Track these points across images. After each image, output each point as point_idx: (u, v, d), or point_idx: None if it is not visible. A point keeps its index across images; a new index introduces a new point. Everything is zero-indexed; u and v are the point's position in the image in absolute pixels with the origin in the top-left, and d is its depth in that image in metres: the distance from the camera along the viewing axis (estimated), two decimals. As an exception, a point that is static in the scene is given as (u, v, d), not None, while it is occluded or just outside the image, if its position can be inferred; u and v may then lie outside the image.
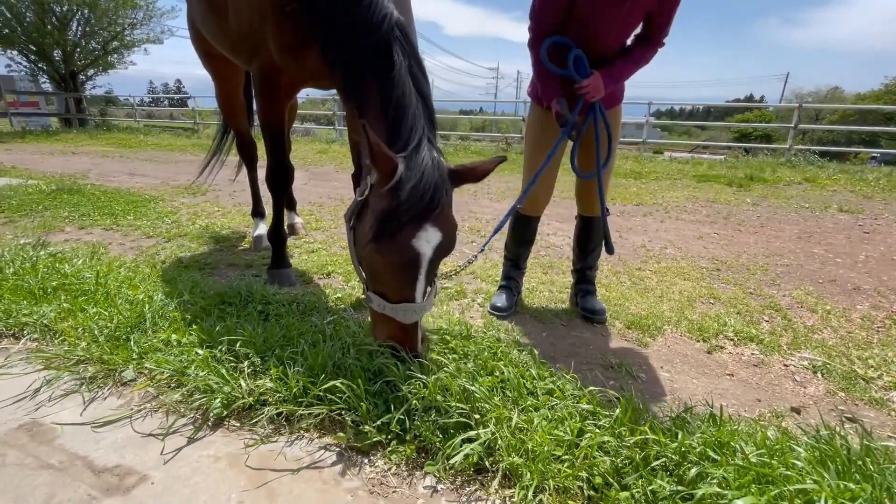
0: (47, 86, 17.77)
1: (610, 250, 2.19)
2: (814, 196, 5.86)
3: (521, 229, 2.32)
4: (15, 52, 16.16)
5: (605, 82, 1.88)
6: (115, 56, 17.89)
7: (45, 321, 1.88)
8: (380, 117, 1.55)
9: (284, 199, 2.54)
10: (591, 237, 2.32)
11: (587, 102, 1.91)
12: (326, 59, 1.75)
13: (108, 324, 1.83)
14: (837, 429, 1.26)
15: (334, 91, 2.59)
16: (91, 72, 18.24)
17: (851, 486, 0.99)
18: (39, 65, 16.79)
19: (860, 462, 1.08)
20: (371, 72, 1.59)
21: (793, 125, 9.57)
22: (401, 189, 1.38)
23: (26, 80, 16.65)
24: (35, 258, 2.57)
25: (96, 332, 1.78)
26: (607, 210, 2.17)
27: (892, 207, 5.22)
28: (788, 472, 1.06)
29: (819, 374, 1.87)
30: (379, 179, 1.43)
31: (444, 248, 1.49)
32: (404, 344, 1.53)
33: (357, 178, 1.69)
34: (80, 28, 16.41)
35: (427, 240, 1.42)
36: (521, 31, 2.02)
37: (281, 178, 2.42)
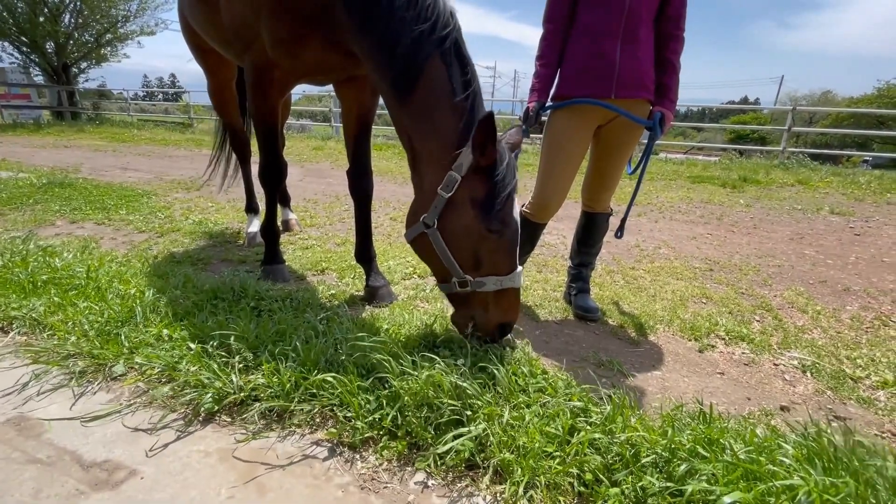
0: (39, 78, 17.55)
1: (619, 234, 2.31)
2: (806, 198, 5.91)
3: (526, 234, 2.29)
4: (6, 44, 15.95)
5: (671, 108, 2.02)
6: (109, 49, 17.68)
7: (34, 315, 1.86)
8: (451, 103, 1.59)
9: (277, 196, 2.53)
10: (593, 233, 2.34)
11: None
12: (376, 46, 1.66)
13: (99, 318, 1.81)
14: (824, 427, 1.28)
15: (330, 87, 2.58)
16: (84, 64, 18.02)
17: (837, 482, 1.01)
18: (31, 57, 16.58)
19: (846, 459, 1.09)
20: (442, 58, 1.59)
21: (786, 128, 9.65)
22: (501, 171, 1.54)
23: (18, 72, 16.43)
24: (25, 252, 2.54)
25: (86, 326, 1.76)
26: (611, 210, 2.32)
27: (883, 210, 5.28)
28: (776, 469, 1.07)
29: (808, 374, 1.89)
30: (482, 168, 1.53)
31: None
32: (517, 311, 1.68)
33: (432, 176, 1.63)
34: (72, 20, 16.21)
35: (517, 208, 1.64)
36: (517, 31, 2.06)
37: (274, 174, 2.40)
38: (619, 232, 2.28)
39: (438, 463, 1.24)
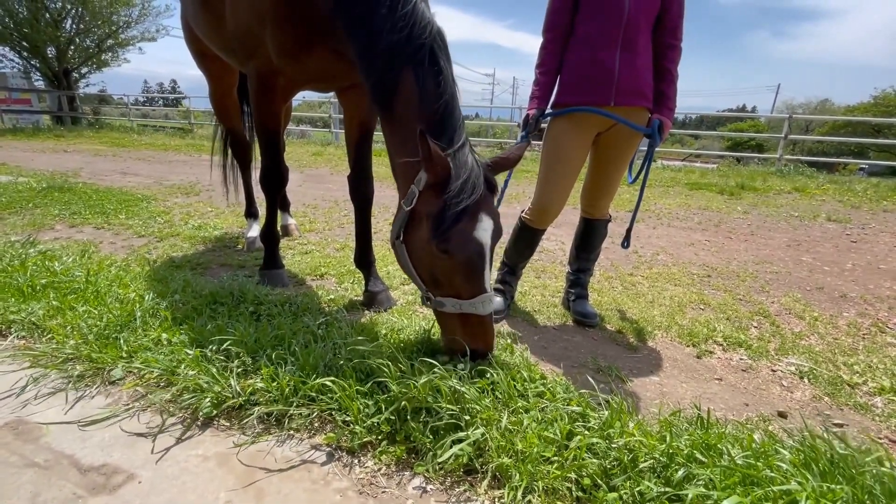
0: (40, 83, 17.62)
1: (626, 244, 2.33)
2: (803, 205, 5.94)
3: (526, 240, 2.32)
4: (7, 49, 16.03)
5: (669, 116, 2.04)
6: (110, 54, 17.80)
7: (33, 319, 1.86)
8: (420, 115, 1.54)
9: (278, 200, 2.54)
10: (592, 239, 2.35)
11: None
12: (359, 56, 1.66)
13: (98, 322, 1.81)
14: (822, 432, 1.28)
15: (331, 94, 2.59)
16: (85, 70, 18.11)
17: (834, 487, 1.01)
18: (32, 62, 16.65)
19: (843, 465, 1.10)
20: (414, 69, 1.56)
21: (783, 135, 9.72)
22: (454, 187, 1.44)
23: (19, 77, 16.48)
24: (24, 255, 2.55)
25: (85, 330, 1.76)
26: (609, 217, 2.34)
27: (879, 217, 5.31)
28: (773, 474, 1.07)
29: (805, 380, 1.89)
30: (431, 183, 1.48)
31: (497, 234, 1.56)
32: (486, 340, 1.55)
33: (402, 189, 1.61)
34: (74, 25, 16.30)
35: (484, 229, 1.50)
36: (515, 39, 2.07)
37: (275, 179, 2.41)
38: (626, 242, 2.30)
39: (437, 468, 1.24)
